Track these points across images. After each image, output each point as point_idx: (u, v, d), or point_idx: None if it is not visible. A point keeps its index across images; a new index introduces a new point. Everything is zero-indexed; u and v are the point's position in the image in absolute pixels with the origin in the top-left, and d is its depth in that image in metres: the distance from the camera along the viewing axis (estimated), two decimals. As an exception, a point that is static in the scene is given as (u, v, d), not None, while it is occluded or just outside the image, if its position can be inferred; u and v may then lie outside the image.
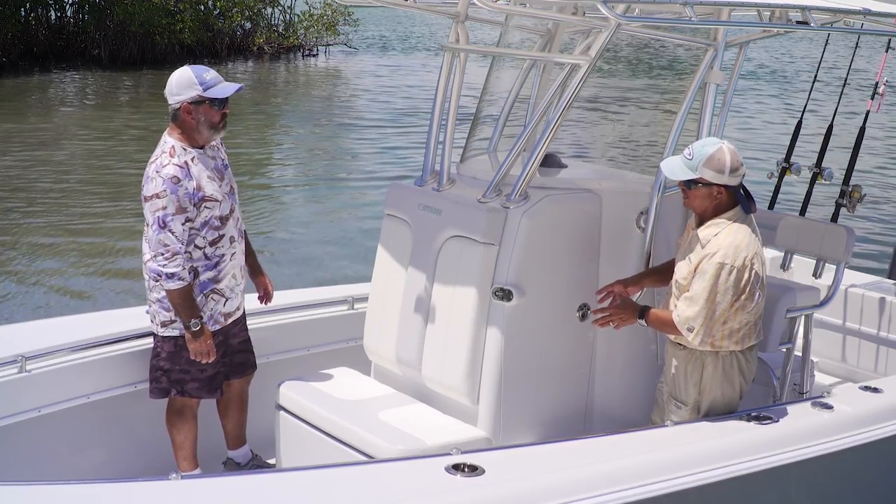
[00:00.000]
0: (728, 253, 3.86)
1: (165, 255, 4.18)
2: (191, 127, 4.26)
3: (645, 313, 4.09)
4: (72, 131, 19.03)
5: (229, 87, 4.30)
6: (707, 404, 4.08)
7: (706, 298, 3.87)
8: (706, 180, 3.91)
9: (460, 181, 4.60)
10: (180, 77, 4.26)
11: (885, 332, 5.91)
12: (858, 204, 6.27)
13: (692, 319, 3.91)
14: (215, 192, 4.30)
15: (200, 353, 4.34)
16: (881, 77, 6.48)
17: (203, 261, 4.33)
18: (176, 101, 4.25)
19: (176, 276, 4.19)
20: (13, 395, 4.25)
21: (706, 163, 3.89)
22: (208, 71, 4.30)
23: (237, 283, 4.50)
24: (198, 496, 3.22)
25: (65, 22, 31.21)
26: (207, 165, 4.31)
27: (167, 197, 4.14)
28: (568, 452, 3.74)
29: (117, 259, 10.52)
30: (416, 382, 4.48)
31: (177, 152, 4.23)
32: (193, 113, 4.24)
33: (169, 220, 4.15)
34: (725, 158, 3.90)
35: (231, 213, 4.39)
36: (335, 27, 34.79)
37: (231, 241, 4.41)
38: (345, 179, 15.40)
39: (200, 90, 4.22)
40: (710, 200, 3.95)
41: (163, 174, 4.17)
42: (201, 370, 4.42)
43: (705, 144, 3.95)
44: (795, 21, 4.39)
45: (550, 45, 5.01)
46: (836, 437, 4.03)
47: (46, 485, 3.29)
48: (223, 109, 4.30)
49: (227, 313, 4.48)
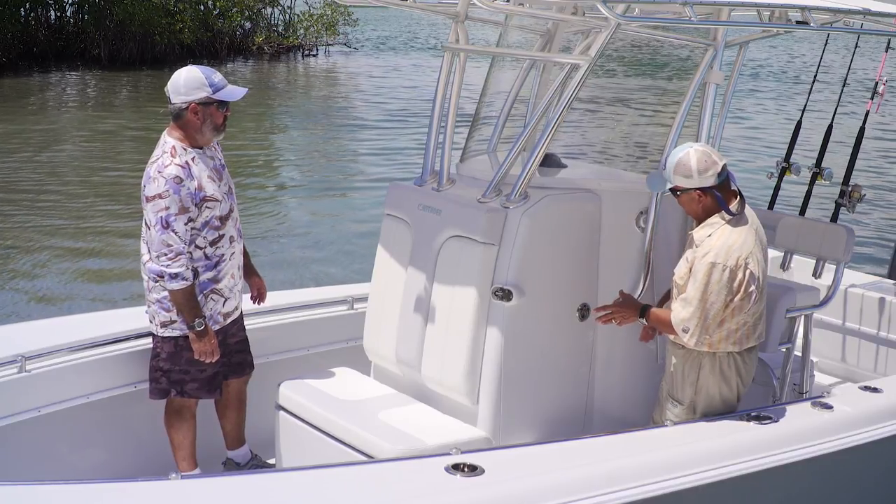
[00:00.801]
0: (720, 253, 3.88)
1: (169, 256, 4.18)
2: (195, 127, 4.27)
3: (645, 312, 4.12)
4: (71, 131, 19.04)
5: (238, 90, 4.35)
6: (703, 404, 4.09)
7: (699, 299, 3.89)
8: (681, 187, 3.96)
9: (460, 181, 4.60)
10: (189, 77, 4.27)
11: (885, 332, 5.92)
12: (858, 204, 6.26)
13: (687, 321, 3.92)
14: (216, 192, 4.31)
15: (205, 353, 4.34)
16: (881, 77, 6.48)
17: (203, 261, 4.33)
18: (183, 101, 4.25)
19: (180, 276, 4.20)
20: (13, 395, 4.25)
21: (675, 170, 3.96)
22: (215, 73, 4.33)
23: (235, 283, 4.50)
24: (197, 496, 3.22)
25: (64, 22, 31.22)
26: (207, 165, 4.33)
27: (170, 197, 4.15)
28: (567, 452, 3.74)
29: (117, 258, 10.52)
30: (415, 382, 4.48)
31: (178, 152, 4.24)
32: (200, 113, 4.26)
33: (172, 220, 4.16)
34: (690, 162, 3.93)
35: (230, 213, 4.40)
36: (335, 27, 34.81)
37: (230, 241, 4.41)
38: (344, 179, 15.40)
39: (210, 92, 4.25)
40: (696, 204, 4.00)
41: (165, 174, 4.17)
42: (201, 370, 4.41)
43: (675, 152, 4.02)
44: (795, 21, 4.39)
45: (550, 45, 5.01)
46: (836, 437, 4.03)
47: (46, 485, 3.29)
48: (226, 111, 4.34)
49: (227, 313, 4.48)
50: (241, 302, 4.63)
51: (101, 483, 3.49)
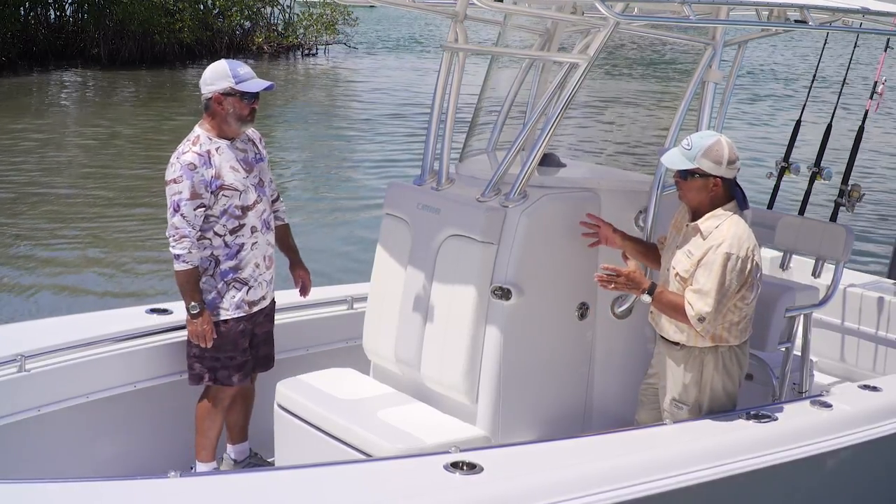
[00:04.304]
0: (733, 243, 3.88)
1: (174, 237, 4.36)
2: (221, 117, 4.42)
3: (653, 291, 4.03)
4: (71, 130, 19.04)
5: (260, 83, 4.47)
6: (709, 401, 4.08)
7: (717, 290, 3.86)
8: (703, 171, 3.94)
9: (459, 180, 4.60)
10: (215, 68, 4.44)
11: (884, 332, 5.92)
12: (857, 203, 6.27)
13: (704, 311, 3.89)
14: (235, 182, 4.41)
15: (197, 335, 4.45)
16: (880, 76, 6.48)
17: (223, 249, 4.44)
18: (209, 91, 4.42)
19: (181, 257, 4.36)
20: (13, 395, 4.25)
21: (704, 153, 3.92)
22: (242, 66, 4.48)
23: (261, 272, 4.57)
24: (196, 495, 3.23)
25: (64, 21, 31.22)
26: (235, 156, 4.45)
27: (183, 182, 4.32)
28: (566, 451, 3.74)
29: (117, 259, 10.52)
30: (415, 381, 4.49)
31: (201, 141, 4.41)
32: (223, 103, 4.40)
33: (182, 204, 4.32)
34: (723, 150, 3.93)
35: (255, 204, 4.49)
36: (335, 26, 34.80)
37: (252, 231, 4.50)
38: (343, 179, 15.40)
39: (233, 82, 4.38)
40: (705, 193, 3.97)
41: (181, 161, 4.35)
42: (230, 357, 4.51)
43: (704, 136, 3.98)
44: (794, 20, 4.40)
45: (549, 44, 5.01)
46: (836, 436, 4.04)
47: (46, 483, 3.29)
48: (252, 104, 4.45)
49: (252, 301, 4.56)
50: (272, 293, 4.72)
51: (101, 482, 3.50)
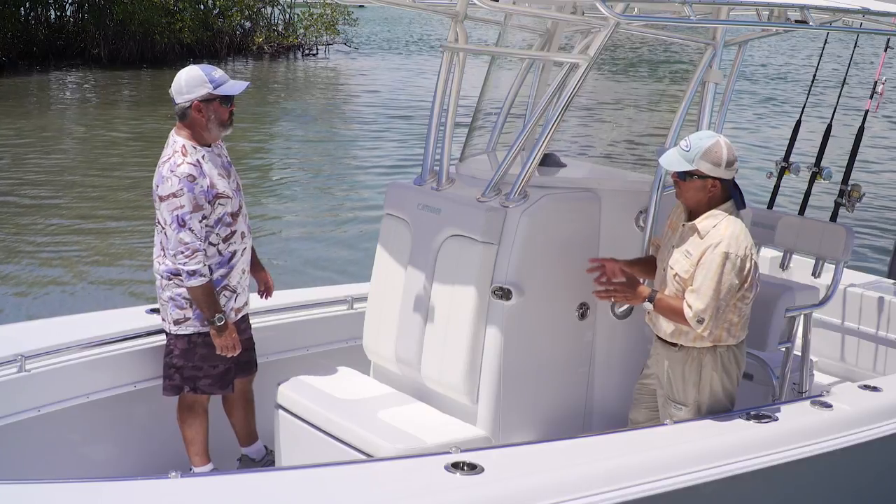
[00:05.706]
0: (731, 243, 3.88)
1: (185, 254, 4.22)
2: (201, 125, 4.31)
3: (653, 298, 4.04)
4: (71, 130, 19.04)
5: (238, 84, 4.39)
6: (708, 401, 4.08)
7: (714, 290, 3.86)
8: (702, 172, 3.93)
9: (459, 180, 4.60)
10: (189, 76, 4.31)
11: (884, 332, 5.92)
12: (858, 203, 6.26)
13: (703, 311, 3.89)
14: (226, 189, 4.36)
15: (226, 347, 4.39)
16: (880, 76, 6.48)
17: (217, 257, 4.38)
18: (186, 100, 4.29)
19: (198, 272, 4.24)
20: (13, 395, 4.25)
21: (703, 155, 3.91)
22: (215, 69, 4.38)
23: (245, 278, 4.56)
24: (196, 495, 3.22)
25: (64, 21, 31.25)
26: (216, 163, 4.38)
27: (185, 195, 4.19)
28: (567, 451, 3.74)
29: (116, 258, 10.52)
30: (415, 382, 4.49)
31: (188, 151, 4.28)
32: (204, 111, 4.30)
33: (187, 217, 4.20)
34: (722, 152, 3.92)
35: (240, 209, 4.46)
36: (335, 26, 34.82)
37: (242, 237, 4.47)
38: (343, 179, 15.40)
39: (211, 88, 4.29)
40: (704, 193, 3.97)
41: (178, 173, 4.21)
42: (213, 367, 4.45)
43: (702, 137, 3.97)
44: (794, 20, 4.39)
45: (549, 44, 5.01)
46: (836, 436, 4.03)
47: (46, 484, 3.29)
48: (230, 107, 4.38)
49: (237, 309, 4.54)
50: (248, 298, 4.66)
51: (101, 482, 3.50)
